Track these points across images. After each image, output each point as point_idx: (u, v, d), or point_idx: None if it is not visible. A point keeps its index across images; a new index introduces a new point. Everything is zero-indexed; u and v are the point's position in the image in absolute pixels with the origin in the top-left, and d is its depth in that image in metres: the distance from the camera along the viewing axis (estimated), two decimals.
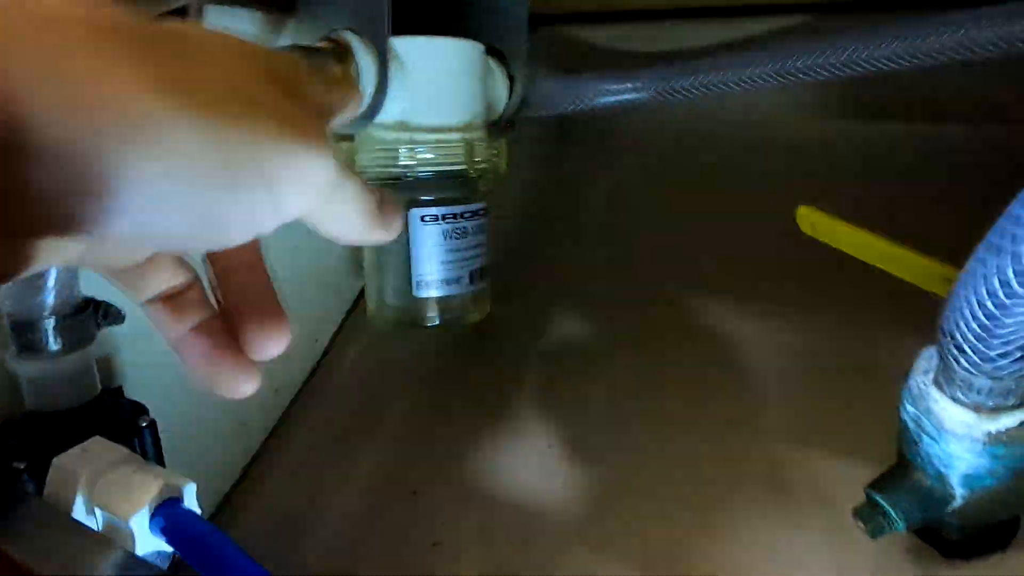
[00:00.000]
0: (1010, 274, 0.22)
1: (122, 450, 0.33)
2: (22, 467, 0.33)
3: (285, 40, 0.48)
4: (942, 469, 0.32)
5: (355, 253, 0.55)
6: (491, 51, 0.51)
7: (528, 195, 0.65)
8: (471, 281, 0.49)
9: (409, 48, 0.44)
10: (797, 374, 0.50)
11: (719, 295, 0.55)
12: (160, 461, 0.39)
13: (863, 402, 0.44)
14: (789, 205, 0.47)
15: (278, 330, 0.25)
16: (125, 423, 0.37)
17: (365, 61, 0.42)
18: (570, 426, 0.54)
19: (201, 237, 0.20)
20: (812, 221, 0.46)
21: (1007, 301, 0.23)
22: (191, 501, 0.31)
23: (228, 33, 0.21)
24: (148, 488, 0.30)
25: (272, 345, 0.24)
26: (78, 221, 0.17)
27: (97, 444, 0.33)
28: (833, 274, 0.48)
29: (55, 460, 0.32)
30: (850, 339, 0.49)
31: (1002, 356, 0.26)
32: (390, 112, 0.44)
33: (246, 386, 0.24)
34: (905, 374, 0.34)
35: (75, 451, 0.32)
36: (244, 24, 0.45)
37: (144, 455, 0.37)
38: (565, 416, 0.55)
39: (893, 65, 0.46)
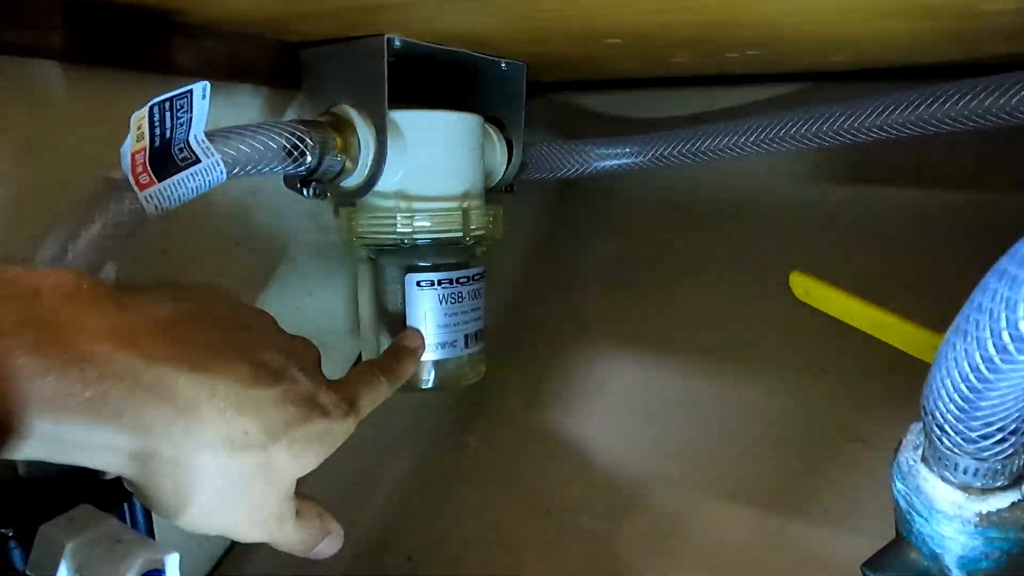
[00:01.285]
0: (978, 359, 0.22)
1: (108, 519, 0.33)
2: (9, 534, 0.33)
3: (290, 114, 0.50)
4: (936, 550, 0.31)
5: (354, 317, 0.56)
6: (490, 118, 0.53)
7: (527, 256, 0.66)
8: (466, 344, 0.49)
9: (407, 120, 0.45)
10: (793, 442, 0.49)
11: (716, 359, 0.55)
12: (149, 527, 0.39)
13: (861, 472, 0.43)
14: (785, 269, 0.47)
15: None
16: (114, 489, 0.37)
17: (364, 133, 0.44)
18: (567, 488, 0.54)
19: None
20: (805, 287, 0.46)
21: (979, 385, 0.22)
22: (173, 573, 0.31)
23: None
24: (129, 560, 0.30)
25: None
26: None
27: (84, 512, 0.33)
28: (831, 340, 0.48)
29: (41, 528, 0.32)
30: (847, 407, 0.48)
31: (983, 437, 0.25)
32: (389, 181, 0.46)
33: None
34: (896, 448, 0.33)
35: (62, 519, 0.32)
36: (244, 111, 0.47)
37: (133, 522, 0.37)
38: (563, 481, 0.54)
39: (885, 134, 0.47)
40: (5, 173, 0.36)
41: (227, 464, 0.25)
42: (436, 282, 0.47)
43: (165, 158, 0.35)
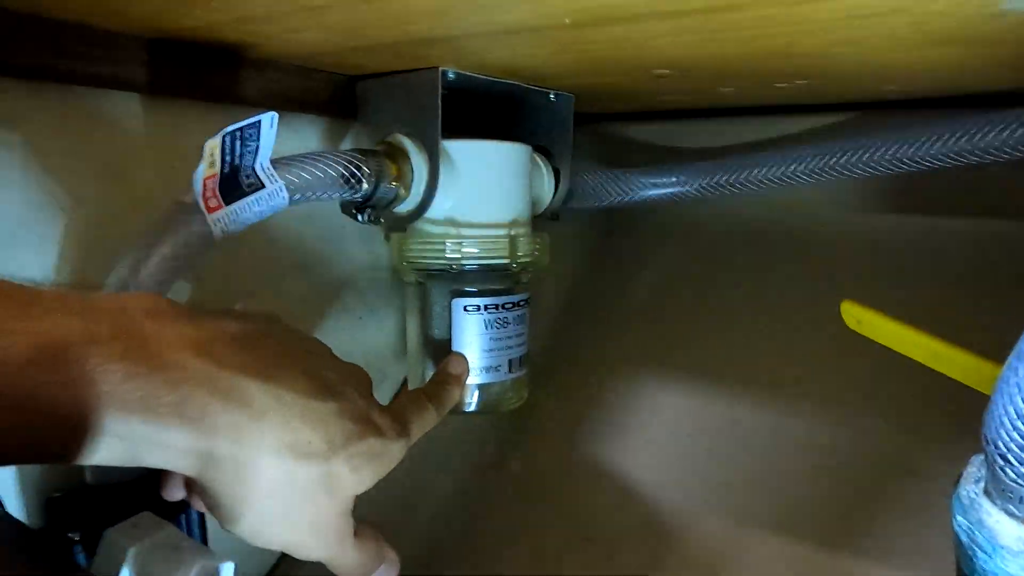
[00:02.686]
0: None
1: (168, 527, 0.34)
2: (76, 538, 0.35)
3: (347, 143, 0.52)
4: None
5: (401, 342, 0.57)
6: (537, 147, 0.54)
7: (571, 284, 0.67)
8: (510, 369, 0.49)
9: (459, 150, 0.47)
10: (843, 475, 0.47)
11: (763, 390, 0.54)
12: (203, 537, 0.40)
13: (917, 507, 0.42)
14: (835, 299, 0.46)
15: None
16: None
17: (418, 162, 0.46)
18: (609, 518, 0.53)
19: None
20: (857, 317, 0.45)
21: None
22: None
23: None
24: (187, 566, 0.31)
25: None
26: None
27: (146, 519, 0.34)
28: (883, 372, 0.46)
29: (106, 533, 0.33)
30: (901, 440, 0.47)
31: None
32: (439, 208, 0.47)
33: None
34: (956, 481, 0.32)
35: (125, 525, 0.34)
36: (305, 140, 0.50)
37: (189, 531, 0.39)
38: (605, 509, 0.54)
39: (939, 163, 0.46)
40: (86, 197, 0.39)
41: (291, 471, 0.26)
42: (482, 307, 0.48)
43: (233, 184, 0.37)
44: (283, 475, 0.26)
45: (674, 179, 0.56)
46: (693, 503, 0.52)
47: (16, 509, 0.37)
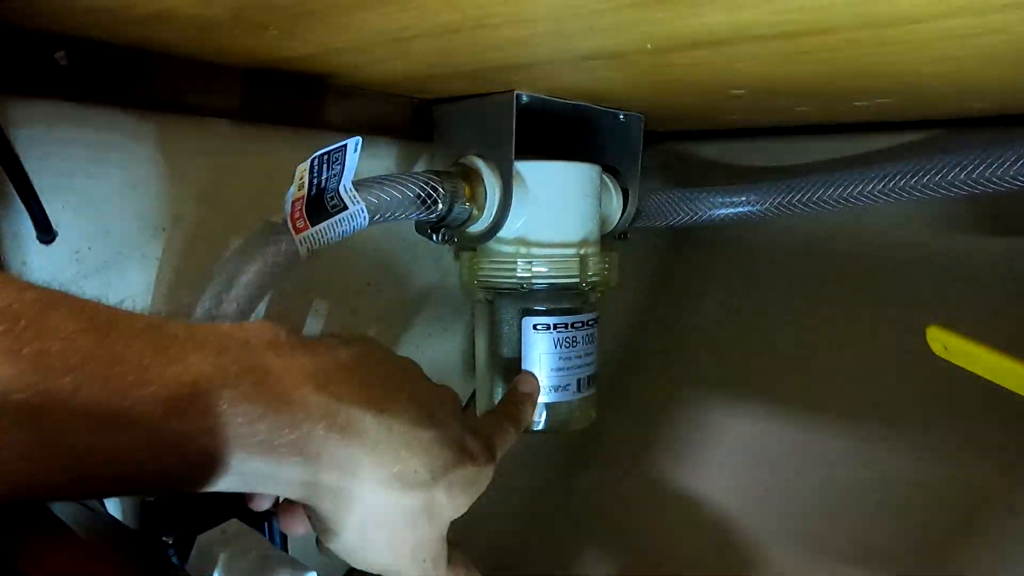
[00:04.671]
0: None
1: (255, 535, 0.35)
2: (170, 541, 0.36)
3: (421, 165, 0.53)
4: None
5: (467, 359, 0.58)
6: (606, 167, 0.54)
7: (640, 303, 0.66)
8: (578, 388, 0.49)
9: (531, 171, 0.48)
10: (929, 507, 0.45)
11: (840, 418, 0.52)
12: (284, 544, 0.41)
13: (1014, 543, 0.40)
14: (917, 323, 0.44)
15: None
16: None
17: (491, 183, 0.47)
18: (679, 542, 0.52)
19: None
20: (944, 342, 0.44)
21: None
22: None
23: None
24: (276, 575, 0.32)
25: None
26: None
27: (234, 526, 0.36)
28: (971, 400, 0.44)
29: (199, 538, 0.35)
30: (992, 472, 0.44)
31: None
32: (510, 228, 0.48)
33: None
34: None
35: (215, 532, 0.35)
36: (383, 162, 0.51)
37: (271, 538, 0.40)
38: (674, 533, 0.53)
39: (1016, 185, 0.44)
40: (183, 217, 0.41)
41: (398, 500, 0.27)
42: (552, 326, 0.49)
43: (319, 205, 0.39)
44: (390, 503, 0.27)
45: (744, 198, 0.56)
46: (766, 528, 0.50)
47: (114, 511, 0.40)
